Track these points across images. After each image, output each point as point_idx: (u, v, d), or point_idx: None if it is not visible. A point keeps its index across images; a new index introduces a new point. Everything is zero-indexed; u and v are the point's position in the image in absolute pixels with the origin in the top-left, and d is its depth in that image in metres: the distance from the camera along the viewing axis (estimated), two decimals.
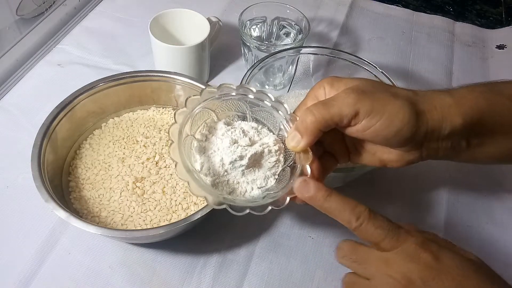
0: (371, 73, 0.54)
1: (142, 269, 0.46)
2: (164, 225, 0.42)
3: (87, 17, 0.74)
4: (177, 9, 0.62)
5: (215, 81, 0.67)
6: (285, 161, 0.38)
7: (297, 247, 0.50)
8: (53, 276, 0.45)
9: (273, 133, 0.39)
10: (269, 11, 0.64)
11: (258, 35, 0.66)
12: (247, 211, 0.33)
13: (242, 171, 0.36)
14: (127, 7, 0.76)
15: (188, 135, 0.36)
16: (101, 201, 0.48)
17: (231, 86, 0.38)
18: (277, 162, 0.37)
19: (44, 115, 0.47)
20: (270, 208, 0.34)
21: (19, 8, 0.62)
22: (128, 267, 0.46)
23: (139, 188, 0.49)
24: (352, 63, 0.56)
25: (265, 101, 0.39)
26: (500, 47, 0.77)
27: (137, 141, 0.53)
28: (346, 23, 0.78)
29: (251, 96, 0.38)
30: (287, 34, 0.65)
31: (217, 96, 0.37)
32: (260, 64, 0.54)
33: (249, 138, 0.37)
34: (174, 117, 0.35)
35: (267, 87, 0.63)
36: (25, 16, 0.64)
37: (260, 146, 0.37)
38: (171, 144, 0.34)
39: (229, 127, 0.38)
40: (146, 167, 0.50)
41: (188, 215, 0.42)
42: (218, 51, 0.69)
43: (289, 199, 0.34)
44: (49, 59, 0.66)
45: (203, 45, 0.59)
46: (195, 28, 0.62)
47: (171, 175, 0.50)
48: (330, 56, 0.57)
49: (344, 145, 0.39)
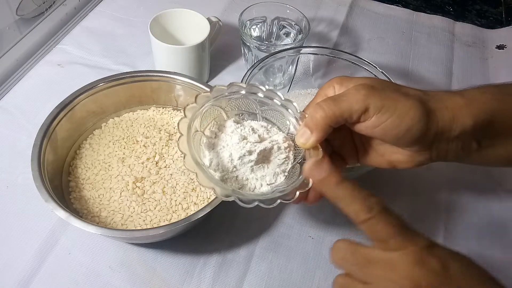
0: (371, 73, 0.54)
1: (142, 269, 0.46)
2: (164, 225, 0.42)
3: (87, 17, 0.74)
4: (177, 9, 0.62)
5: (215, 81, 0.67)
6: (295, 159, 0.38)
7: (297, 247, 0.50)
8: (53, 276, 0.45)
9: (283, 132, 0.39)
10: (269, 11, 0.64)
11: (258, 35, 0.66)
12: (256, 203, 0.33)
13: (251, 167, 0.36)
14: (127, 7, 0.76)
15: (197, 130, 0.36)
16: (101, 201, 0.48)
17: (241, 84, 0.38)
18: (286, 159, 0.37)
19: (44, 115, 0.47)
20: (279, 201, 0.33)
21: (19, 8, 0.62)
22: (128, 267, 0.46)
23: (139, 188, 0.49)
24: (352, 63, 0.56)
25: (274, 100, 0.39)
26: (500, 47, 0.77)
27: (137, 141, 0.53)
28: (346, 23, 0.78)
29: (260, 94, 0.38)
30: (287, 34, 0.65)
31: (226, 94, 0.37)
32: (260, 64, 0.54)
33: (258, 135, 0.37)
34: (184, 111, 0.35)
35: (267, 87, 0.63)
36: (25, 16, 0.64)
37: (270, 142, 0.37)
38: (180, 137, 0.34)
39: (239, 125, 0.38)
40: (146, 167, 0.50)
41: (188, 215, 0.42)
42: (218, 51, 0.69)
43: (298, 194, 0.34)
44: (49, 59, 0.66)
45: (203, 45, 0.59)
46: (195, 28, 0.62)
47: (171, 175, 0.50)
48: (330, 56, 0.57)
49: (353, 145, 0.39)
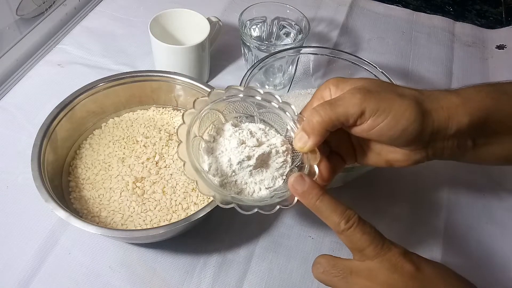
0: (371, 73, 0.54)
1: (142, 269, 0.46)
2: (164, 225, 0.42)
3: (87, 17, 0.74)
4: (177, 9, 0.62)
5: (215, 81, 0.67)
6: (293, 162, 0.38)
7: (297, 247, 0.50)
8: (53, 276, 0.45)
9: (281, 135, 0.39)
10: (269, 11, 0.64)
11: (258, 35, 0.66)
12: (255, 210, 0.33)
13: (250, 171, 0.36)
14: (127, 7, 0.76)
15: (196, 135, 0.36)
16: (101, 201, 0.48)
17: (238, 88, 0.38)
18: (284, 162, 0.37)
19: (44, 115, 0.47)
20: (278, 207, 0.34)
21: (19, 8, 0.62)
22: (128, 267, 0.46)
23: (139, 188, 0.49)
24: (352, 63, 0.56)
25: (272, 103, 0.39)
26: (500, 47, 0.77)
27: (137, 141, 0.53)
28: (346, 23, 0.78)
29: (258, 97, 0.38)
30: (287, 34, 0.65)
31: (224, 97, 0.37)
32: (260, 64, 0.54)
33: (256, 139, 0.37)
34: (182, 117, 0.35)
35: (267, 87, 0.63)
36: (25, 16, 0.64)
37: (268, 146, 0.37)
38: (179, 144, 0.34)
39: (237, 128, 0.38)
40: (146, 167, 0.50)
41: (188, 215, 0.42)
42: (218, 51, 0.69)
43: (297, 199, 0.34)
44: (49, 59, 0.66)
45: (203, 45, 0.59)
46: (195, 28, 0.62)
47: (171, 175, 0.50)
48: (330, 56, 0.57)
49: (351, 145, 0.39)
